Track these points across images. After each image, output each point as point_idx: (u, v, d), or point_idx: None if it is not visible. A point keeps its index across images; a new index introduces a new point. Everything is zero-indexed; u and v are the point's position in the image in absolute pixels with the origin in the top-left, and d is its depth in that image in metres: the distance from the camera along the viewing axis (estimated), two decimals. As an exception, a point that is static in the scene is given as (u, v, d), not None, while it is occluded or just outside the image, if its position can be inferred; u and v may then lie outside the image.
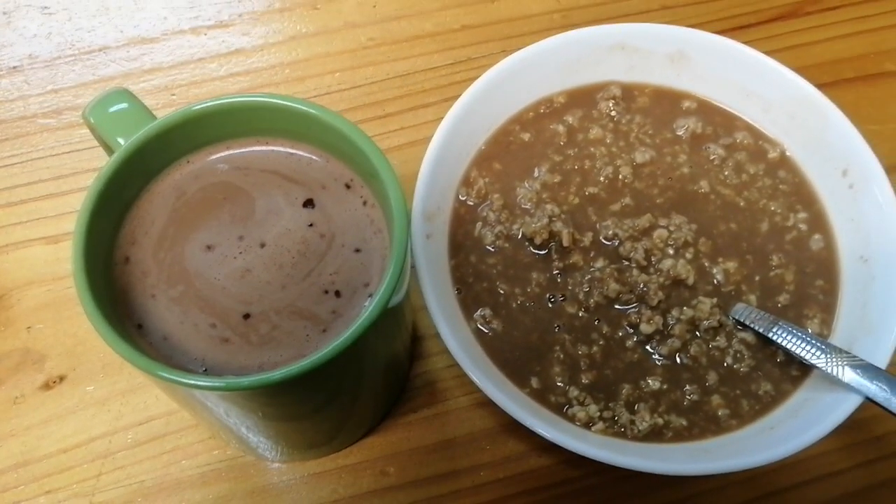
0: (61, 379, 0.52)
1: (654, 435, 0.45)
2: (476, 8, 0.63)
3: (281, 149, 0.43)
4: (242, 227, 0.41)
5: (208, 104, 0.41)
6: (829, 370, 0.44)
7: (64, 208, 0.56)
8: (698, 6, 0.63)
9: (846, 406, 0.42)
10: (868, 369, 0.43)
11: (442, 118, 0.51)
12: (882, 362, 0.44)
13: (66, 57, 0.61)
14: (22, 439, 0.50)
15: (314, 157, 0.43)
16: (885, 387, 0.42)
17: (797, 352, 0.45)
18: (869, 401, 0.42)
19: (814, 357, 0.44)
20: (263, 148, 0.43)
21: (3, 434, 0.50)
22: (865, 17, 0.65)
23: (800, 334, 0.45)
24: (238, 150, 0.43)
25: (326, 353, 0.36)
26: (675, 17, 0.63)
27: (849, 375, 0.43)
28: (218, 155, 0.43)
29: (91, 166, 0.57)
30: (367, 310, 0.37)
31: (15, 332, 0.53)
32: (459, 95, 0.58)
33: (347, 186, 0.42)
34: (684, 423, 0.45)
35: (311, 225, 0.41)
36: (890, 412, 0.42)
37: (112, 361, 0.52)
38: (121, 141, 0.41)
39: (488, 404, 0.51)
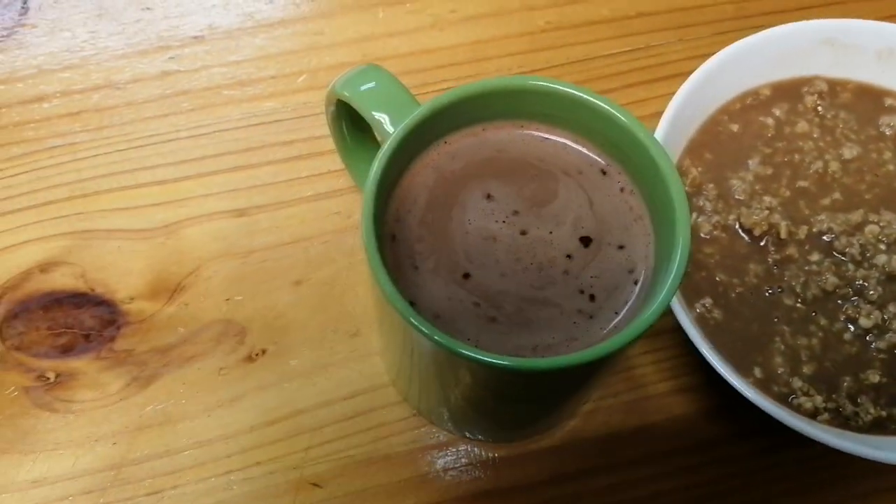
0: (263, 352, 0.52)
1: (878, 427, 0.46)
2: (648, -5, 0.64)
3: (536, 133, 0.43)
4: (526, 204, 0.41)
5: (472, 87, 0.41)
6: None
7: (253, 181, 0.56)
8: None
9: None
10: None
11: (624, 105, 0.51)
12: None
13: (246, 28, 0.61)
14: (229, 410, 0.50)
15: (568, 143, 0.43)
16: None
17: None
18: None
19: None
20: (519, 132, 0.43)
21: (211, 404, 0.50)
22: None
23: None
24: (494, 133, 0.43)
25: (621, 339, 0.36)
26: (847, 10, 0.63)
27: None
28: (474, 138, 0.43)
29: (278, 140, 0.57)
30: (660, 295, 0.37)
31: (216, 304, 0.53)
32: (639, 83, 0.59)
33: (603, 172, 0.43)
34: (905, 415, 0.46)
35: (568, 256, 0.40)
36: None
37: (312, 336, 0.52)
38: (378, 115, 0.42)
39: (686, 391, 0.52)
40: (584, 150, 0.43)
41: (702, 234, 0.50)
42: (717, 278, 0.49)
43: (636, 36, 0.62)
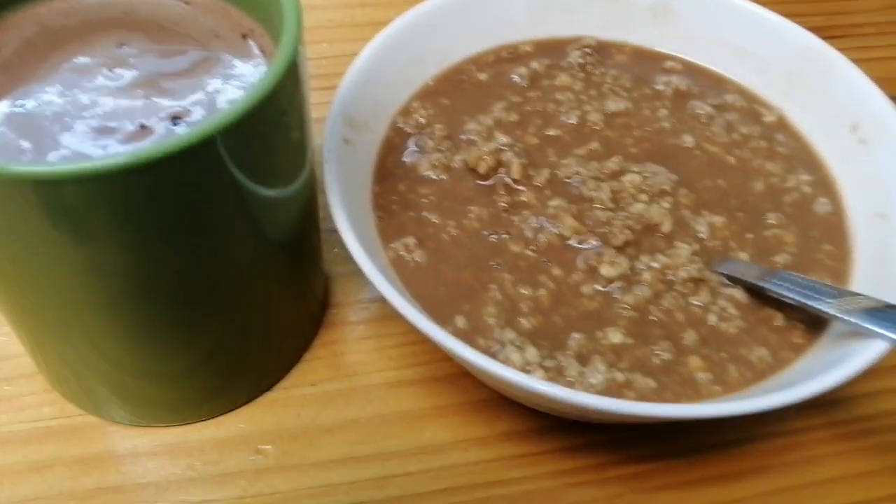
0: None
1: (612, 393, 0.34)
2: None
3: (164, -4, 0.36)
4: (150, 69, 0.33)
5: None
6: (842, 316, 0.33)
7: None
8: None
9: (870, 352, 0.32)
10: (893, 311, 0.33)
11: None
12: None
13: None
14: None
15: (210, 4, 0.36)
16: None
17: (799, 299, 0.35)
18: (897, 346, 0.32)
19: (821, 302, 0.34)
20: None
21: None
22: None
23: (802, 280, 0.36)
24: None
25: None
26: None
27: (868, 318, 0.32)
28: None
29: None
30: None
31: None
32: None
33: (244, 36, 0.35)
34: (652, 384, 0.34)
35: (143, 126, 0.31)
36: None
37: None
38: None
39: (408, 384, 0.40)
40: (226, 12, 0.35)
41: (419, 173, 0.40)
42: (430, 219, 0.39)
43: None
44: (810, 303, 0.34)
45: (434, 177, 0.40)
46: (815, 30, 0.45)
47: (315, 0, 0.58)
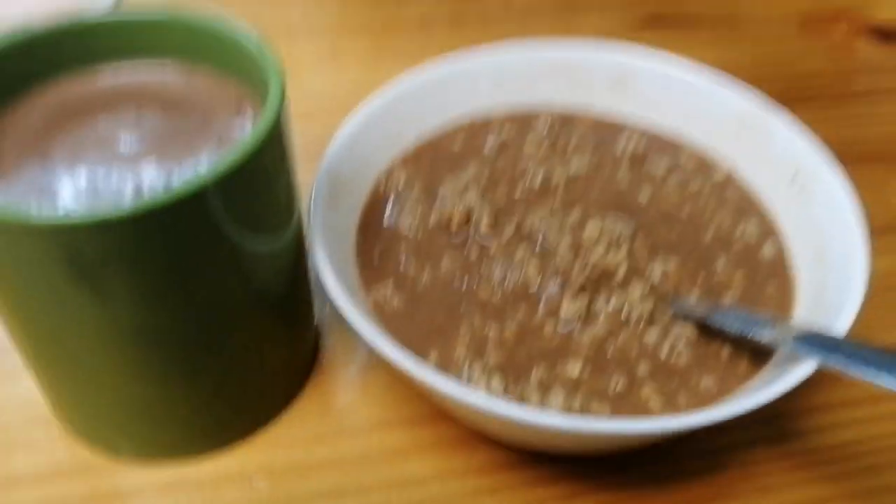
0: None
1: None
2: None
3: (177, 72, 0.41)
4: (158, 137, 0.37)
5: (99, 16, 0.40)
6: (776, 341, 0.37)
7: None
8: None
9: (798, 373, 0.35)
10: (821, 336, 0.36)
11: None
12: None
13: None
14: None
15: (210, 80, 0.41)
16: (841, 350, 0.35)
17: (739, 329, 0.38)
18: (826, 367, 0.35)
19: (758, 331, 0.37)
20: (158, 70, 0.41)
21: None
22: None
23: (743, 315, 0.39)
24: (132, 71, 0.41)
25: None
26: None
27: (797, 343, 0.36)
28: (111, 76, 0.41)
29: None
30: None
31: None
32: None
33: (240, 105, 0.40)
34: (608, 410, 0.38)
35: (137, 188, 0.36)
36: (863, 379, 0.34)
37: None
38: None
39: (391, 424, 0.44)
40: (225, 86, 0.40)
41: (398, 230, 0.45)
42: (407, 270, 0.43)
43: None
44: (749, 332, 0.38)
45: (411, 233, 0.45)
46: (778, 95, 0.50)
47: (317, 86, 0.64)
